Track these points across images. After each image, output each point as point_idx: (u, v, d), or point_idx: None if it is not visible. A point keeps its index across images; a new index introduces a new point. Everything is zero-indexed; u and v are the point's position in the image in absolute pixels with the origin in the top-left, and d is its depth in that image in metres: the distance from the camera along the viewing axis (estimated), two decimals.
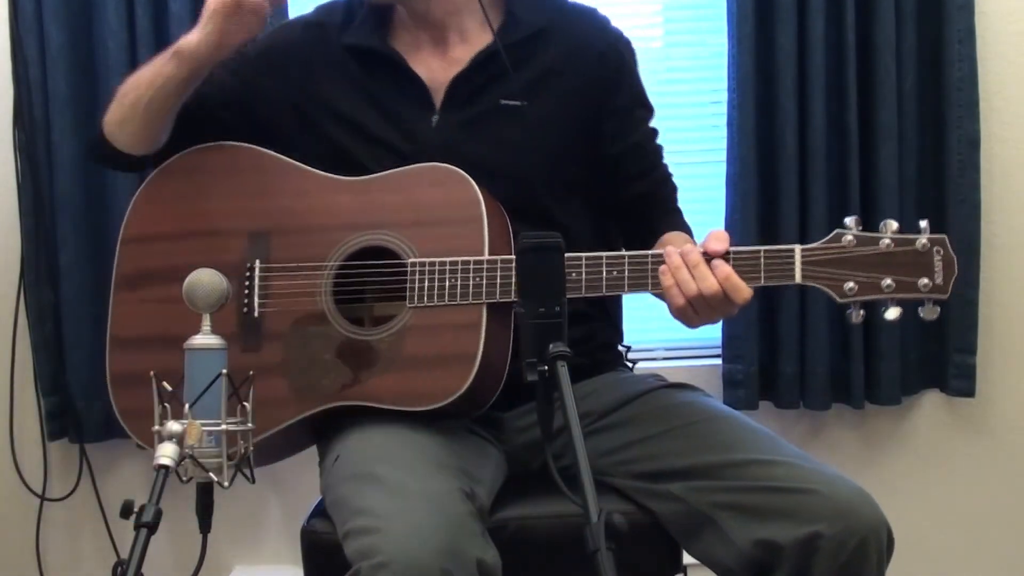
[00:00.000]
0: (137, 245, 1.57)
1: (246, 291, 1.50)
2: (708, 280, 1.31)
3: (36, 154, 2.18)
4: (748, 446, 1.38)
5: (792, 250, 1.33)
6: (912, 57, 2.18)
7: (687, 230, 1.63)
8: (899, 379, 2.22)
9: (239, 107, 1.61)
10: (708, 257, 1.32)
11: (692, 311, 1.34)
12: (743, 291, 1.31)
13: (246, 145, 1.59)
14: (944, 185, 2.20)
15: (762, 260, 1.33)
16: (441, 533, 1.19)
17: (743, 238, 2.17)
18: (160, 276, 1.52)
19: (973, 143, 2.18)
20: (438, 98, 1.54)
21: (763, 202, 2.20)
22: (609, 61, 1.58)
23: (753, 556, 1.31)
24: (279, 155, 1.57)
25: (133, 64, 2.14)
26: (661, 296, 1.39)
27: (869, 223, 1.37)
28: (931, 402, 2.33)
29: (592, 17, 1.62)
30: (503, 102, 1.53)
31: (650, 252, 1.38)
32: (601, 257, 1.38)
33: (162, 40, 2.14)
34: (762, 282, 1.33)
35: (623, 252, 1.39)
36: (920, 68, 2.19)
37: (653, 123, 1.65)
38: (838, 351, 2.22)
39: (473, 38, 1.57)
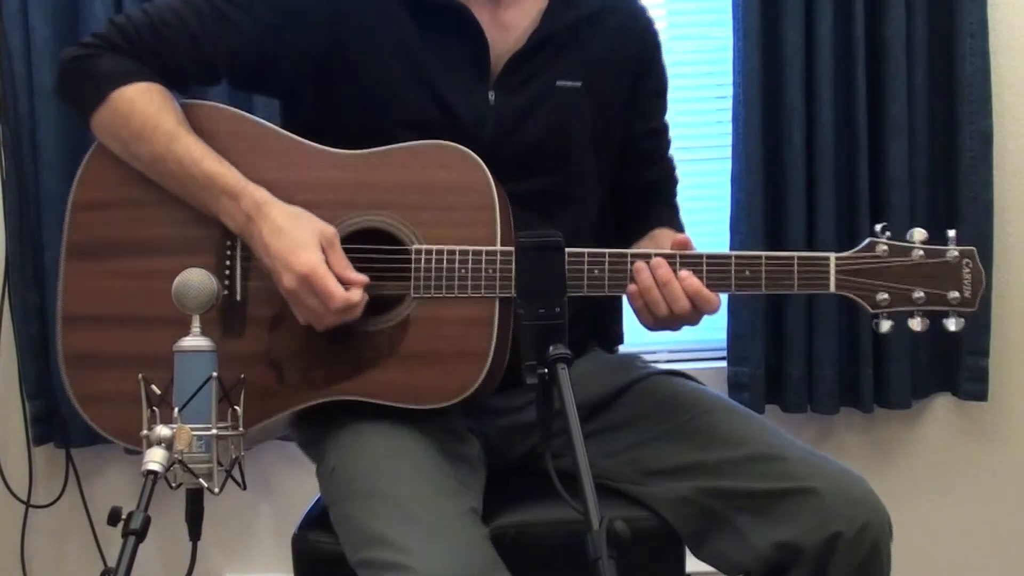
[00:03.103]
0: (91, 212, 1.43)
1: (227, 271, 1.39)
2: (680, 302, 1.31)
3: (21, 150, 2.15)
4: (754, 439, 1.36)
5: (827, 258, 1.32)
6: (923, 51, 2.15)
7: (679, 227, 1.62)
8: (909, 382, 2.20)
9: (254, 60, 1.45)
10: (675, 261, 1.31)
11: (652, 320, 1.34)
12: (713, 303, 1.32)
13: (225, 106, 1.45)
14: (956, 183, 2.17)
15: (796, 267, 1.32)
16: (472, 565, 1.17)
17: (748, 238, 2.15)
18: (121, 248, 1.40)
19: (985, 139, 2.16)
20: (495, 71, 1.46)
21: (769, 200, 2.18)
22: (648, 41, 1.59)
23: (771, 558, 1.30)
24: (264, 121, 1.45)
25: None
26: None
27: (878, 222, 1.36)
28: (942, 406, 2.31)
29: None
30: (559, 83, 1.48)
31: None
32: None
33: None
34: (795, 289, 1.33)
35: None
36: (931, 62, 2.17)
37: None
38: (847, 353, 2.20)
39: (526, 1, 1.50)
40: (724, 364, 2.23)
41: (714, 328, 2.27)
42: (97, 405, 1.39)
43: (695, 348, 2.36)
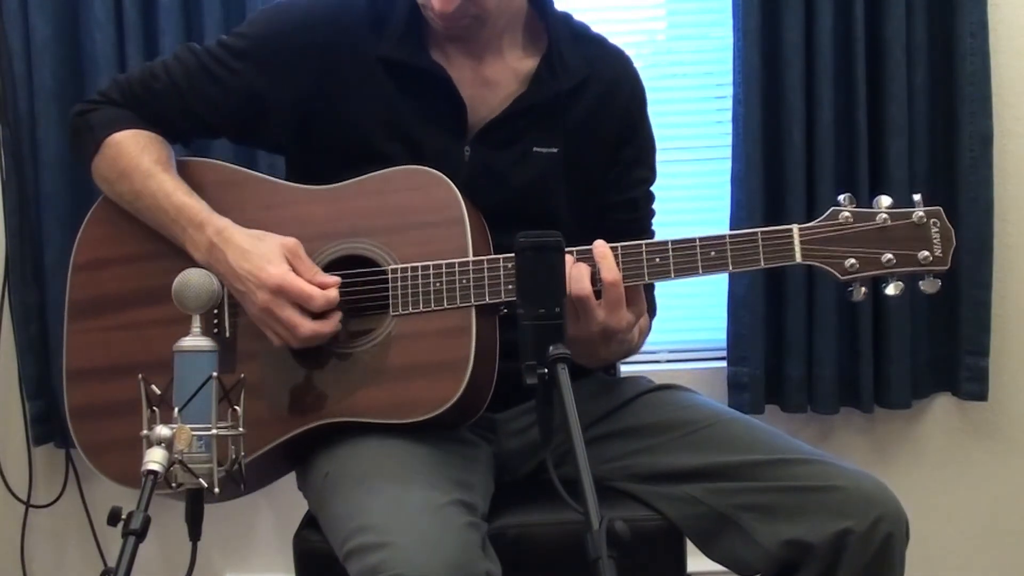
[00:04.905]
0: (90, 272, 1.51)
1: (215, 310, 1.43)
2: (581, 282, 1.32)
3: (21, 150, 2.15)
4: (764, 446, 1.38)
5: (790, 230, 1.32)
6: (923, 51, 2.15)
7: (652, 305, 1.57)
8: (909, 382, 2.20)
9: (238, 114, 1.51)
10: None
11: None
12: (613, 273, 1.31)
13: (207, 160, 1.56)
14: (956, 183, 2.17)
15: (760, 242, 1.32)
16: (449, 545, 1.18)
17: None
18: (117, 302, 1.47)
19: (985, 140, 2.15)
20: (472, 129, 1.49)
21: (769, 200, 2.17)
22: (632, 110, 1.59)
23: (780, 556, 1.32)
24: (244, 169, 1.53)
25: (121, 58, 2.12)
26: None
27: None
28: (942, 406, 2.30)
29: (618, 55, 1.60)
30: (536, 149, 1.50)
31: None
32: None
33: (151, 33, 2.12)
34: (762, 264, 1.33)
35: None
36: (931, 62, 2.16)
37: (654, 187, 1.63)
38: (846, 353, 2.19)
39: (510, 57, 1.52)
40: (724, 364, 2.23)
41: (714, 328, 2.27)
42: (101, 453, 1.44)
43: (695, 348, 2.36)
